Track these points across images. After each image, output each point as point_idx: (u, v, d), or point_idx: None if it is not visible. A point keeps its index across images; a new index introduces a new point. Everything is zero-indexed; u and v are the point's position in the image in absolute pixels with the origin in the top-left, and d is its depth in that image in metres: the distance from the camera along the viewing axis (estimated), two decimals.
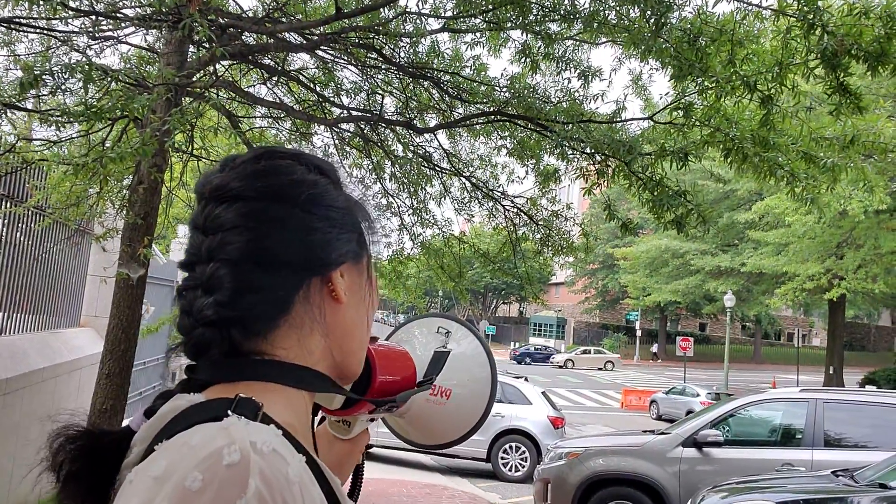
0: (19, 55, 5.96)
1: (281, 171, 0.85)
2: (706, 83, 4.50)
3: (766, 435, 8.49)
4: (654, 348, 57.45)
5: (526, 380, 19.79)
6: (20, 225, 6.82)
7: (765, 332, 63.20)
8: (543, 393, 13.94)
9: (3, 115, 4.03)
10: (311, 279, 0.84)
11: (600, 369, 47.84)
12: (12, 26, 4.54)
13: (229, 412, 0.70)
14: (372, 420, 1.13)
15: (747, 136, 4.64)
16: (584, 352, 50.63)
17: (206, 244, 0.81)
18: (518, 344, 59.43)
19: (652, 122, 5.43)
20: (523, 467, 12.68)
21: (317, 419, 1.04)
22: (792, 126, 4.78)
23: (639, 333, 55.78)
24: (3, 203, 6.22)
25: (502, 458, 12.81)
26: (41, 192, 6.69)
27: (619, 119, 5.63)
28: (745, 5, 4.37)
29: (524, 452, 12.77)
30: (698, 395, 24.64)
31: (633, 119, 5.64)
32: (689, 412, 19.25)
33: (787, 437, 8.19)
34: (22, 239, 6.90)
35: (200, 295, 0.80)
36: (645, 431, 9.62)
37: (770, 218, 27.86)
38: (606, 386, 37.79)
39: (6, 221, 6.48)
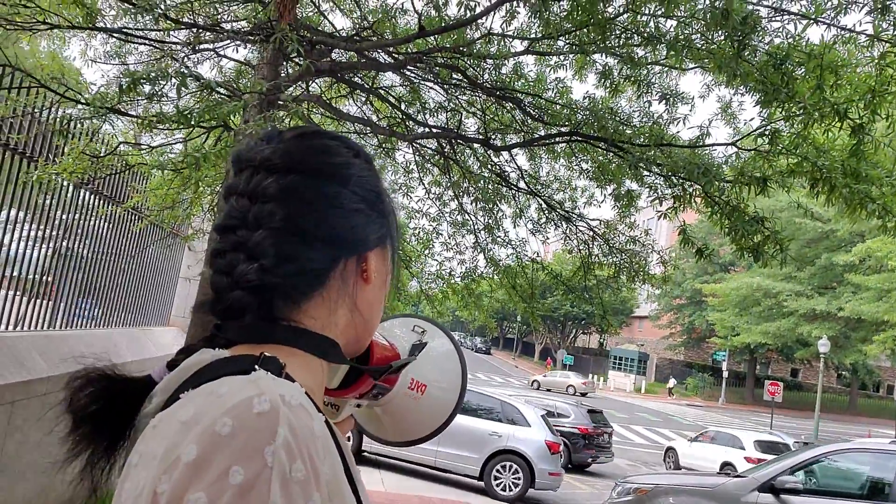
0: (128, 65, 6.41)
1: (330, 151, 0.90)
2: (793, 109, 4.35)
3: (850, 487, 7.98)
4: (671, 383, 54.69)
5: (597, 413, 19.33)
6: (120, 225, 7.25)
7: (862, 382, 59.49)
8: (544, 416, 13.76)
9: (106, 119, 4.33)
10: (349, 257, 0.88)
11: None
12: (120, 36, 4.88)
13: (256, 367, 0.73)
14: (358, 406, 1.17)
15: (836, 166, 4.44)
16: (547, 374, 48.69)
17: (255, 212, 0.83)
18: (598, 377, 58.13)
19: (736, 149, 5.28)
20: (515, 487, 12.57)
21: None
22: (886, 157, 4.55)
23: (725, 375, 53.49)
24: (106, 204, 6.64)
25: (496, 477, 12.67)
26: (140, 196, 7.09)
27: (701, 144, 5.50)
28: (838, 30, 4.21)
29: (517, 473, 12.62)
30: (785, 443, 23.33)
31: (716, 144, 5.49)
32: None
33: (873, 491, 7.67)
34: (121, 238, 7.34)
35: (244, 259, 0.81)
36: (720, 473, 9.24)
37: (872, 261, 26.38)
38: (687, 427, 36.39)
39: (108, 222, 6.91)
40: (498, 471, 12.67)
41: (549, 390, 43.85)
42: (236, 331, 0.82)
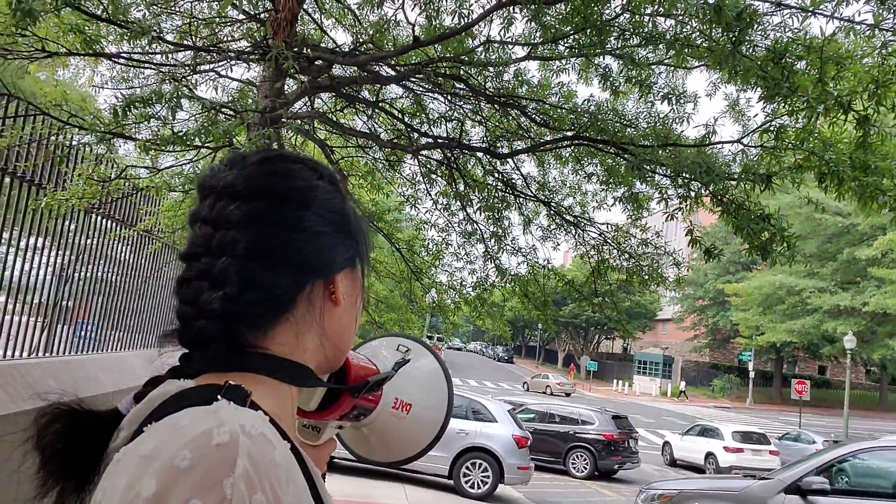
0: (135, 88, 6.47)
1: (293, 174, 0.89)
2: (797, 104, 4.27)
3: (880, 486, 7.81)
4: (682, 386, 54.12)
5: (622, 419, 19.14)
6: (134, 248, 7.32)
7: (892, 377, 58.33)
8: (510, 411, 13.82)
9: (110, 144, 4.37)
10: (315, 280, 0.87)
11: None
12: (120, 61, 4.93)
13: (219, 397, 0.72)
14: (340, 427, 1.16)
15: (844, 159, 4.36)
16: (535, 376, 51.20)
17: (218, 239, 0.82)
18: (623, 383, 57.63)
19: (742, 146, 5.22)
20: (485, 484, 12.58)
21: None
22: (895, 148, 4.46)
23: (752, 375, 52.77)
24: (118, 227, 6.70)
25: (464, 475, 12.65)
26: (152, 218, 7.15)
27: (707, 143, 5.43)
28: (839, 21, 4.14)
29: (486, 470, 12.63)
30: (814, 442, 22.99)
31: (721, 142, 5.42)
32: None
33: None
34: (135, 261, 7.40)
35: (208, 288, 0.81)
36: (746, 475, 9.09)
37: (895, 254, 25.94)
38: None
39: (122, 245, 6.96)
40: (467, 468, 12.67)
41: (543, 392, 45.22)
42: (203, 360, 0.81)
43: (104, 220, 6.42)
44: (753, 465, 19.97)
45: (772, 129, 4.66)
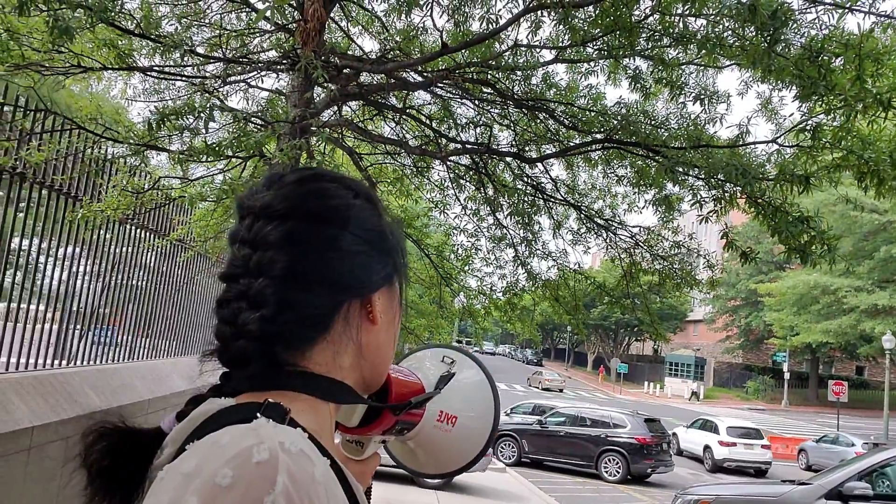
0: (167, 101, 6.56)
1: (328, 194, 0.89)
2: (834, 102, 4.19)
3: None
4: (695, 387, 53.34)
5: (655, 422, 18.97)
6: (167, 257, 7.42)
7: None
8: None
9: (143, 156, 4.43)
10: (352, 300, 0.88)
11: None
12: (153, 74, 5.01)
13: (258, 414, 0.73)
14: (384, 442, 1.16)
15: (884, 157, 4.26)
16: (535, 373, 52.37)
17: (256, 259, 0.84)
18: (654, 385, 57.00)
19: (777, 146, 5.12)
20: None
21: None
22: None
23: (787, 376, 51.82)
24: (152, 236, 6.79)
25: None
26: (184, 227, 7.24)
27: (741, 143, 5.35)
28: (876, 17, 4.04)
29: None
30: (853, 444, 22.49)
31: (756, 142, 5.33)
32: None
33: None
34: (168, 270, 7.50)
35: (246, 308, 0.82)
36: (784, 481, 8.92)
37: None
38: None
39: (155, 254, 7.07)
40: None
41: (536, 387, 47.53)
42: (242, 379, 0.83)
43: (138, 231, 6.53)
44: (746, 459, 21.71)
45: (808, 128, 4.58)
